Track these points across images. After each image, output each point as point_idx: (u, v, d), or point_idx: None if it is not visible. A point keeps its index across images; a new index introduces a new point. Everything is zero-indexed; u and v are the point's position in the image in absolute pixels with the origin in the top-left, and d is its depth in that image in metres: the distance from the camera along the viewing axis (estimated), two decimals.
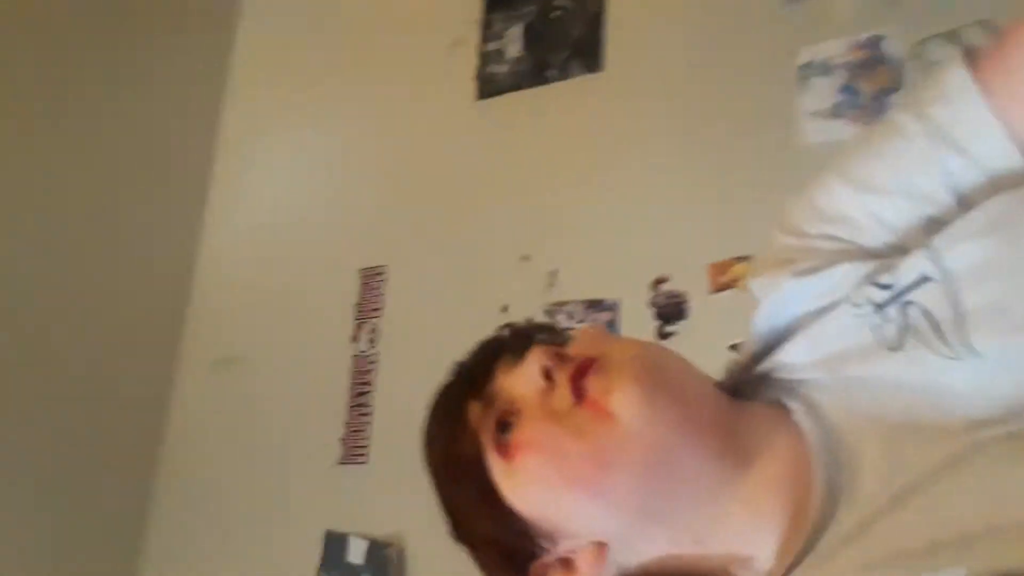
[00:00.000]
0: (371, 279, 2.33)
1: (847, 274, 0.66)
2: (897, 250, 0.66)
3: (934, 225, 0.64)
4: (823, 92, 1.81)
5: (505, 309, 2.07)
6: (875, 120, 1.74)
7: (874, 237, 0.67)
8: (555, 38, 2.22)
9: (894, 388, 0.62)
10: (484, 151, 2.25)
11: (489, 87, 2.30)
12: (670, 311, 1.86)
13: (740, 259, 1.80)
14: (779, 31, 1.90)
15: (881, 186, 0.67)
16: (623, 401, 0.61)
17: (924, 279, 0.62)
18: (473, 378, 0.69)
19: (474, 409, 0.67)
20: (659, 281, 1.89)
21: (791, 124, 1.83)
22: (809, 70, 1.84)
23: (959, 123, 0.63)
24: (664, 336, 1.85)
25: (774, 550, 0.61)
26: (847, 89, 1.79)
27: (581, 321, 1.97)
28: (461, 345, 2.10)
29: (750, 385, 0.72)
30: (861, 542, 0.56)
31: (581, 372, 0.63)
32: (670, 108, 2.00)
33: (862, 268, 0.66)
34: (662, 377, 0.63)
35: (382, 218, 2.37)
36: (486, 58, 2.32)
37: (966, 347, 0.59)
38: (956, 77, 0.64)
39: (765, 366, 0.71)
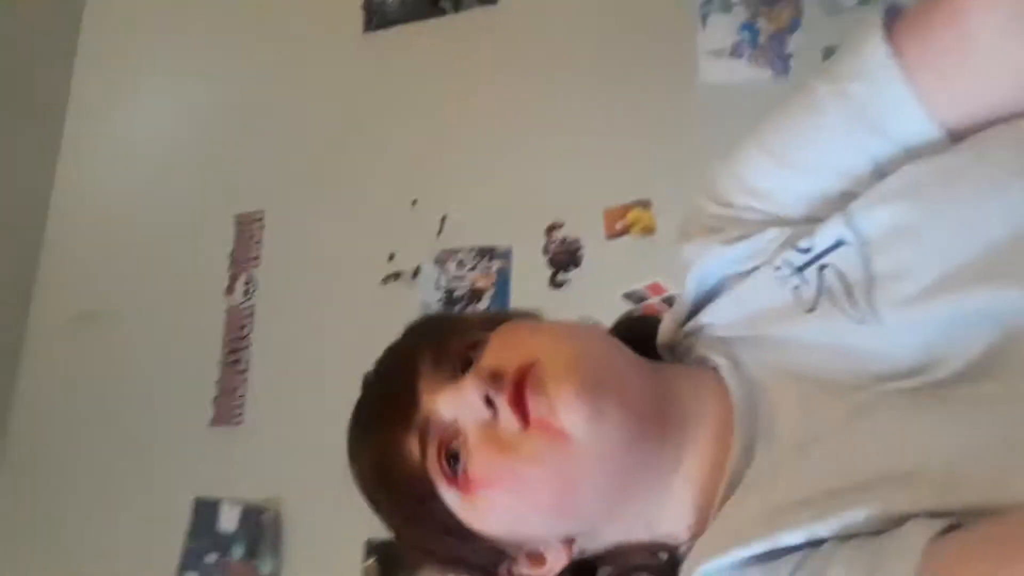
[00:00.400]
0: (248, 226, 2.15)
1: (772, 239, 0.68)
2: (816, 220, 0.67)
3: (851, 196, 0.65)
4: (723, 30, 1.74)
5: (392, 257, 1.95)
6: (773, 62, 1.68)
7: (794, 209, 0.69)
8: None
9: (809, 347, 0.64)
10: (371, 87, 2.09)
11: (378, 18, 2.14)
12: (564, 258, 1.77)
13: (637, 203, 1.72)
14: None
15: (801, 162, 0.68)
16: (572, 418, 0.60)
17: (839, 243, 0.63)
18: (398, 404, 0.67)
19: (411, 444, 0.65)
20: (553, 227, 1.79)
21: (690, 64, 1.75)
22: (710, 6, 1.76)
23: (878, 103, 0.63)
24: (557, 284, 1.76)
25: (696, 504, 0.64)
26: (747, 27, 1.72)
27: (472, 269, 1.85)
28: (344, 297, 1.95)
29: (679, 345, 0.74)
30: (767, 489, 0.59)
31: (520, 392, 0.62)
32: (566, 45, 1.89)
33: (786, 233, 0.67)
34: (600, 377, 0.62)
35: (261, 160, 2.19)
36: None
37: (872, 311, 0.61)
38: (876, 51, 0.62)
39: (691, 326, 0.73)
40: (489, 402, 0.62)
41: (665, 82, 1.76)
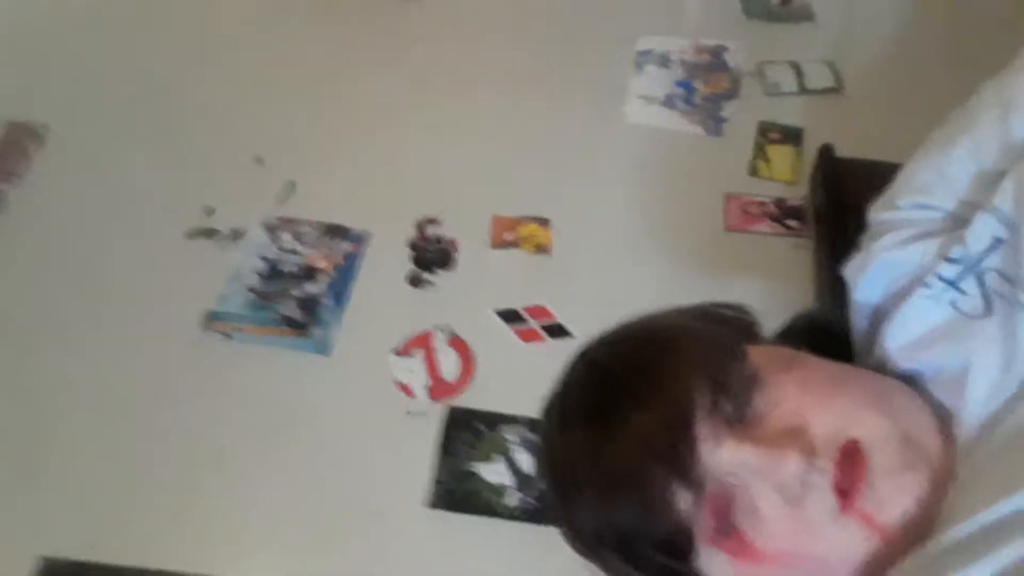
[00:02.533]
0: (20, 136, 1.64)
1: (926, 252, 0.69)
2: (970, 207, 0.70)
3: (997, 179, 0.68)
4: (658, 81, 1.62)
5: (211, 212, 1.52)
6: (706, 121, 1.57)
7: (953, 196, 0.72)
8: None
9: (985, 356, 0.63)
10: (251, 29, 1.76)
11: None
12: (433, 257, 1.44)
13: (534, 219, 1.47)
14: (624, 17, 1.71)
15: (957, 149, 0.71)
16: (901, 520, 0.58)
17: (997, 242, 0.64)
18: (674, 450, 0.58)
19: (682, 496, 0.58)
20: (428, 221, 1.48)
21: (621, 101, 1.60)
22: (647, 57, 1.65)
23: None
24: (417, 283, 1.42)
25: None
26: (683, 85, 1.61)
27: (313, 246, 1.47)
28: (127, 247, 1.49)
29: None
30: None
31: (852, 480, 0.57)
32: (493, 50, 1.69)
33: (935, 245, 0.69)
34: (931, 471, 0.59)
35: (77, 70, 1.73)
36: None
37: None
38: None
39: (876, 359, 0.72)
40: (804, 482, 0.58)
41: (592, 113, 1.59)
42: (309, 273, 1.44)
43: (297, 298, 1.41)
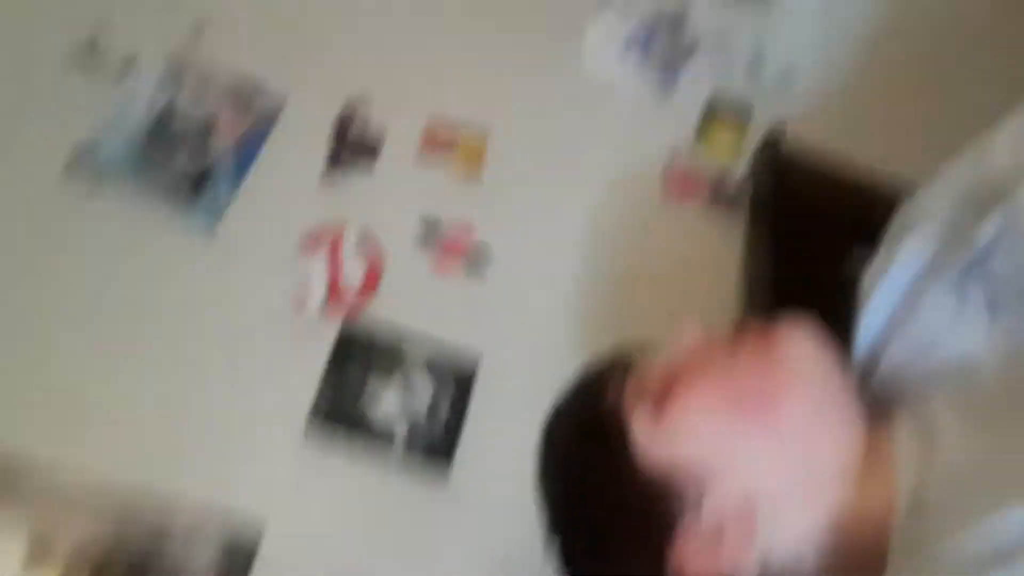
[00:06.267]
0: None
1: (938, 250, 0.71)
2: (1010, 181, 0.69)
3: None
4: (619, 25, 1.53)
5: (94, 42, 1.27)
6: (659, 77, 1.51)
7: (984, 170, 0.72)
8: None
9: (989, 358, 0.68)
10: None
11: None
12: (357, 143, 1.28)
13: (473, 132, 1.35)
14: None
15: (994, 137, 0.73)
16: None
17: (1001, 237, 0.66)
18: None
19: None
20: (359, 102, 1.32)
21: (578, 32, 1.50)
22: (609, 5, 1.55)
23: None
24: (335, 170, 1.26)
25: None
26: (643, 36, 1.53)
27: (219, 101, 1.27)
28: None
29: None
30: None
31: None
32: None
33: (947, 243, 0.71)
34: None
35: None
36: None
37: None
38: None
39: (877, 380, 0.75)
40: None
41: (548, 41, 1.48)
42: (208, 133, 1.24)
43: (189, 161, 1.21)
